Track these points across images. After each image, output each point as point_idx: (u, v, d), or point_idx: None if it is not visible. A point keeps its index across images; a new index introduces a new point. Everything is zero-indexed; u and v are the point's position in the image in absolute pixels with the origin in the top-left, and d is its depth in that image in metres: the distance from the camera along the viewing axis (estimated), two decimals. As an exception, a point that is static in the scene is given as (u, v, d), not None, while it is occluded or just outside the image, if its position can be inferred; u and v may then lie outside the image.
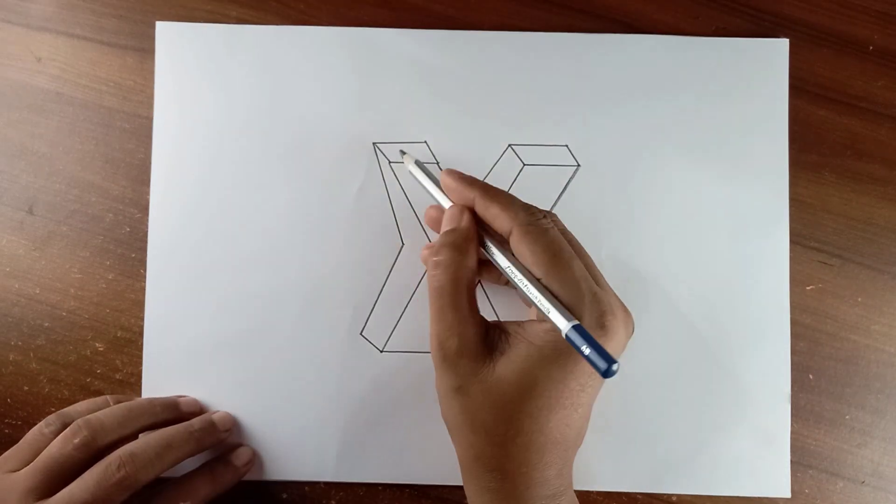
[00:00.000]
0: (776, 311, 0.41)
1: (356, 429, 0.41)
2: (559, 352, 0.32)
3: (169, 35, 0.43)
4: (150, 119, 0.43)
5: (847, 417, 0.42)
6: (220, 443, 0.40)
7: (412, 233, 0.42)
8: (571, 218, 0.38)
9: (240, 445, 0.41)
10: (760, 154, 0.42)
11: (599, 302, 0.32)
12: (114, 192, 0.43)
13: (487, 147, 0.42)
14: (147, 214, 0.42)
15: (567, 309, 0.31)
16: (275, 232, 0.42)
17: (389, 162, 0.42)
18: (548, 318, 0.31)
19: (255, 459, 0.41)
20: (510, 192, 0.42)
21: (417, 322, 0.41)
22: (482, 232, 0.35)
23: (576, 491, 0.35)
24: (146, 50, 0.43)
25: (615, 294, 0.34)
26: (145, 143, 0.43)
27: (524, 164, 0.42)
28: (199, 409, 0.41)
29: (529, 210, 0.34)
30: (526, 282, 0.32)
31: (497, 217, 0.34)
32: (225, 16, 0.43)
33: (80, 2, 0.44)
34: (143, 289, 0.42)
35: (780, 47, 0.42)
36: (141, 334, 0.42)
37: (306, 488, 0.41)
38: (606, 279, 0.35)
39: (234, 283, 0.42)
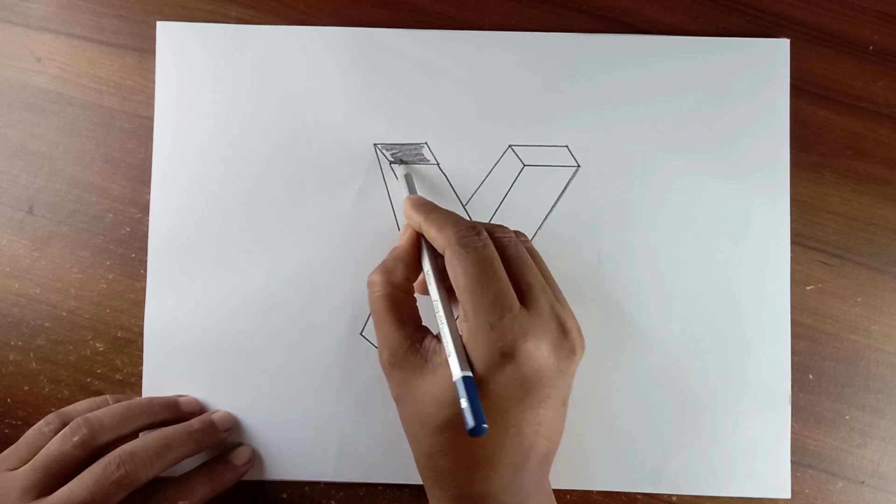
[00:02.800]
0: (776, 311, 0.41)
1: (356, 429, 0.41)
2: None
3: (169, 35, 0.43)
4: (150, 119, 0.43)
5: (847, 417, 0.42)
6: (220, 443, 0.40)
7: (412, 233, 0.42)
8: (571, 218, 0.38)
9: (239, 445, 0.41)
10: (761, 154, 0.42)
11: (508, 328, 0.31)
12: (114, 192, 0.43)
13: (488, 147, 0.42)
14: (147, 214, 0.42)
15: (474, 332, 0.31)
16: (275, 232, 0.42)
17: (390, 162, 0.42)
18: (448, 358, 0.31)
19: (255, 459, 0.41)
20: (510, 193, 0.42)
21: (417, 322, 0.41)
22: (426, 257, 0.36)
23: (576, 491, 0.35)
24: (146, 50, 0.43)
25: (553, 314, 0.32)
26: (145, 143, 0.43)
27: (524, 165, 0.42)
28: (198, 409, 0.41)
29: (461, 230, 0.33)
30: (443, 319, 0.32)
31: (434, 240, 0.34)
32: (225, 16, 0.43)
33: (80, 2, 0.44)
34: (143, 289, 0.42)
35: (780, 47, 0.42)
36: (141, 334, 0.42)
37: (306, 488, 0.41)
38: (607, 279, 0.34)
39: (233, 283, 0.42)
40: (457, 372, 0.30)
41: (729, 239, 0.42)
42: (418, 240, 0.36)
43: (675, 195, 0.42)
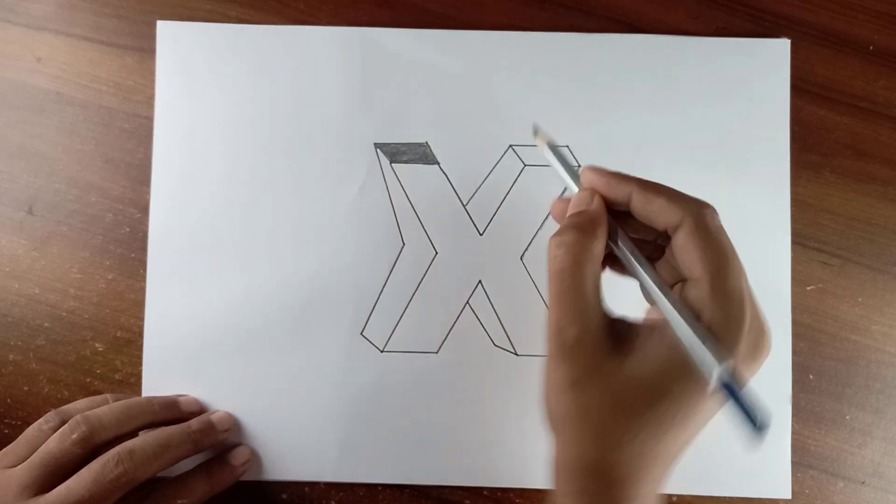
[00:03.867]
0: (777, 312, 0.41)
1: (356, 429, 0.41)
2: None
3: (170, 34, 0.43)
4: (150, 119, 0.43)
5: (847, 417, 0.42)
6: (219, 444, 0.40)
7: (413, 233, 0.42)
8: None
9: (238, 445, 0.41)
10: (761, 154, 0.42)
11: (758, 324, 0.28)
12: (114, 192, 0.43)
13: (488, 147, 0.42)
14: (147, 214, 0.42)
15: (723, 327, 0.27)
16: (275, 232, 0.42)
17: (390, 162, 0.42)
18: (690, 351, 0.27)
19: (254, 459, 0.41)
20: (510, 193, 0.42)
21: (418, 322, 0.41)
22: (622, 236, 0.31)
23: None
24: (146, 50, 0.43)
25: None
26: (145, 143, 0.43)
27: (525, 165, 0.42)
28: (198, 409, 0.41)
29: (703, 204, 0.30)
30: (676, 305, 0.28)
31: (662, 211, 0.29)
32: (225, 16, 0.43)
33: (80, 2, 0.44)
34: (143, 289, 0.42)
35: (780, 47, 0.42)
36: (141, 334, 0.42)
37: (306, 488, 0.41)
38: (607, 279, 0.34)
39: (234, 283, 0.42)
40: (717, 365, 0.26)
41: (729, 239, 0.42)
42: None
43: (676, 195, 0.42)
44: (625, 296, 0.31)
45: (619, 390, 0.29)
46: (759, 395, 0.26)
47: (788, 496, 0.41)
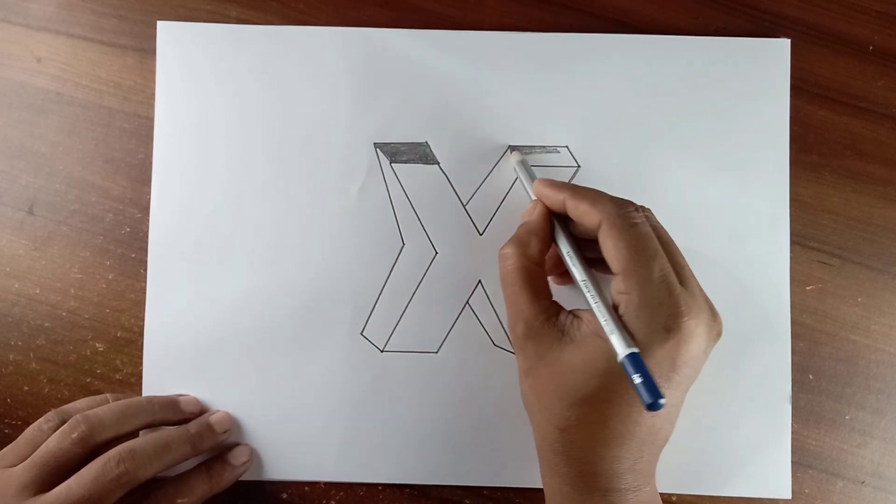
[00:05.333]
0: (776, 311, 0.41)
1: (356, 429, 0.41)
2: None
3: (170, 34, 0.43)
4: (150, 119, 0.43)
5: (847, 417, 0.42)
6: (219, 445, 0.40)
7: (413, 233, 0.42)
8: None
9: (238, 444, 0.41)
10: (760, 154, 0.42)
11: (674, 304, 0.31)
12: (114, 192, 0.43)
13: (488, 148, 0.42)
14: (147, 214, 0.42)
15: (639, 307, 0.31)
16: (275, 232, 0.42)
17: (390, 162, 0.42)
18: (608, 338, 0.31)
19: (254, 458, 0.41)
20: (510, 193, 0.42)
21: (418, 322, 0.41)
22: (562, 238, 0.36)
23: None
24: (146, 50, 0.43)
25: (703, 296, 0.33)
26: (145, 143, 0.43)
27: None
28: (198, 409, 0.41)
29: (619, 203, 0.34)
30: (596, 297, 0.32)
31: (586, 213, 0.34)
32: (225, 16, 0.43)
33: (80, 2, 0.44)
34: (143, 289, 0.42)
35: (780, 47, 0.42)
36: (141, 334, 0.42)
37: (306, 488, 0.41)
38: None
39: (234, 283, 0.42)
40: (623, 349, 0.30)
41: (729, 239, 0.42)
42: (549, 218, 0.36)
43: (675, 195, 0.42)
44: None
45: (561, 375, 0.32)
46: (653, 379, 0.29)
47: (788, 496, 0.41)
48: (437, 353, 0.41)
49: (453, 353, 0.41)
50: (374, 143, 0.42)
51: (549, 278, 0.38)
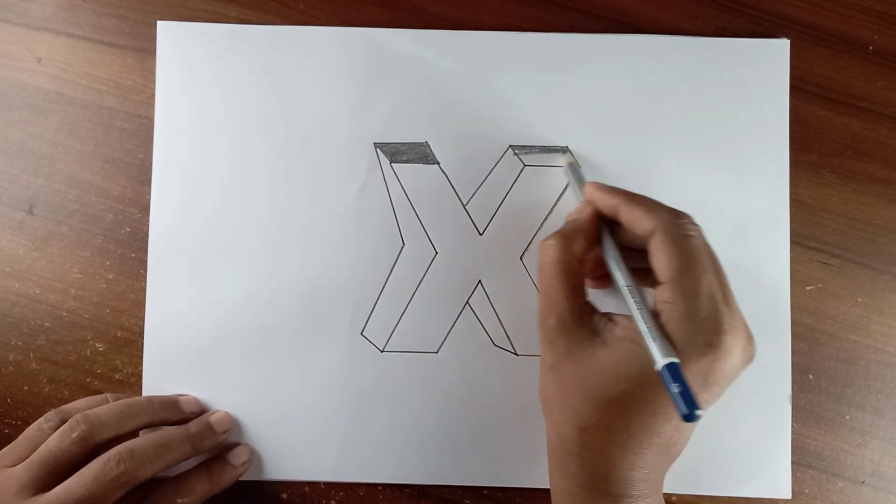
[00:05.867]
0: (776, 311, 0.41)
1: (356, 429, 0.41)
2: None
3: (170, 34, 0.43)
4: (150, 119, 0.43)
5: (847, 417, 0.42)
6: (219, 445, 0.40)
7: (413, 233, 0.42)
8: (571, 218, 0.38)
9: (238, 444, 0.41)
10: (760, 154, 0.42)
11: (718, 320, 0.31)
12: (114, 192, 0.43)
13: (488, 148, 0.42)
14: (147, 214, 0.42)
15: (681, 326, 0.31)
16: (275, 232, 0.42)
17: (390, 162, 0.42)
18: (648, 345, 0.31)
19: (254, 458, 0.41)
20: (510, 193, 0.42)
21: (418, 322, 0.41)
22: (608, 242, 0.35)
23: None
24: (146, 50, 0.43)
25: (742, 318, 0.33)
26: (145, 143, 0.43)
27: (525, 165, 0.42)
28: (198, 409, 0.41)
29: (676, 213, 0.34)
30: (640, 303, 0.32)
31: (640, 219, 0.33)
32: (225, 16, 0.43)
33: (80, 2, 0.44)
34: (143, 289, 0.42)
35: (780, 47, 0.42)
36: (141, 334, 0.42)
37: (306, 488, 0.41)
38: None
39: (234, 283, 0.42)
40: (661, 358, 0.30)
41: (729, 239, 0.42)
42: (598, 221, 0.36)
43: (675, 195, 0.41)
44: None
45: (589, 375, 0.32)
46: (691, 390, 0.29)
47: (788, 496, 0.41)
48: (437, 353, 0.41)
49: (453, 353, 0.41)
50: (374, 143, 0.42)
51: (587, 282, 0.38)
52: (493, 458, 0.41)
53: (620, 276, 0.34)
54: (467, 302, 0.42)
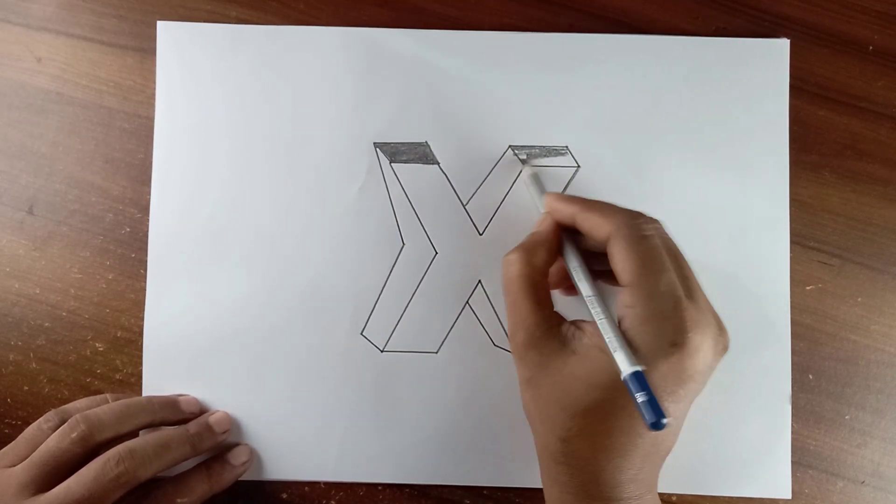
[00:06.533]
0: (776, 311, 0.41)
1: (356, 429, 0.41)
2: None
3: (170, 34, 0.43)
4: (150, 119, 0.43)
5: (847, 417, 0.42)
6: (218, 445, 0.40)
7: (413, 233, 0.42)
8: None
9: (238, 444, 0.41)
10: (760, 154, 0.42)
11: (681, 318, 0.31)
12: (114, 192, 0.43)
13: (488, 148, 0.42)
14: (147, 214, 0.42)
15: (644, 321, 0.31)
16: (275, 232, 0.42)
17: (390, 162, 0.42)
18: (613, 355, 0.31)
19: (254, 458, 0.41)
20: (510, 193, 0.42)
21: (418, 322, 0.41)
22: (570, 252, 0.35)
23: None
24: (146, 50, 0.43)
25: (710, 309, 0.33)
26: (145, 143, 0.43)
27: (525, 165, 0.42)
28: (198, 409, 0.41)
29: (631, 215, 0.33)
30: (602, 313, 0.32)
31: (597, 225, 0.33)
32: (225, 16, 0.43)
33: (80, 2, 0.44)
34: (143, 289, 0.42)
35: (780, 47, 0.42)
36: (141, 334, 0.42)
37: (306, 488, 0.41)
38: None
39: (234, 283, 0.42)
40: (627, 367, 0.30)
41: (729, 239, 0.42)
42: (559, 232, 0.36)
43: (675, 195, 0.42)
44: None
45: (564, 386, 0.32)
46: (656, 398, 0.29)
47: (788, 496, 0.41)
48: (437, 353, 0.41)
49: (453, 353, 0.41)
50: (374, 143, 0.42)
51: (556, 291, 0.38)
52: (493, 458, 0.41)
53: (582, 286, 0.34)
54: (467, 302, 0.42)
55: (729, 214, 0.42)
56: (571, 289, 0.38)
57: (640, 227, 0.33)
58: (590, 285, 0.34)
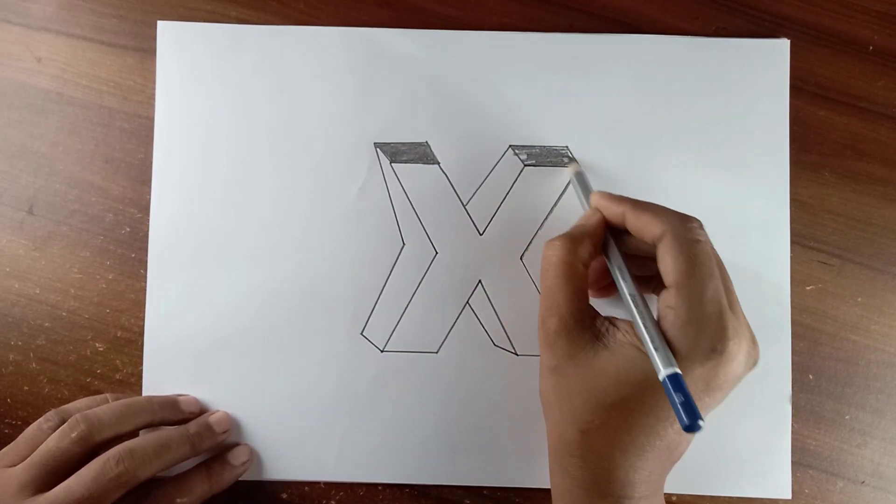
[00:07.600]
0: (776, 311, 0.41)
1: (356, 429, 0.41)
2: None
3: (170, 34, 0.43)
4: (150, 119, 0.43)
5: (847, 417, 0.42)
6: (218, 445, 0.40)
7: (413, 233, 0.42)
8: (571, 218, 0.38)
9: (237, 444, 0.41)
10: (760, 154, 0.42)
11: (723, 326, 0.31)
12: (114, 192, 0.43)
13: (488, 148, 0.42)
14: (147, 214, 0.42)
15: (686, 323, 0.31)
16: (275, 232, 0.42)
17: (390, 162, 0.42)
18: (651, 354, 0.31)
19: (254, 458, 0.41)
20: (510, 193, 0.42)
21: (418, 322, 0.41)
22: (613, 251, 0.35)
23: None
24: (146, 50, 0.43)
25: (746, 322, 0.33)
26: (145, 143, 0.43)
27: (525, 165, 0.42)
28: (198, 409, 0.41)
29: (684, 218, 0.33)
30: (644, 313, 0.32)
31: (648, 224, 0.33)
32: (225, 16, 0.43)
33: (80, 2, 0.44)
34: (143, 289, 0.42)
35: (780, 47, 0.42)
36: (141, 334, 0.42)
37: (306, 488, 0.41)
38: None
39: (234, 283, 0.42)
40: (666, 368, 0.30)
41: (729, 239, 0.41)
42: (605, 228, 0.36)
43: (675, 195, 0.42)
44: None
45: (591, 378, 0.32)
46: (693, 401, 0.29)
47: (788, 496, 0.41)
48: (437, 353, 0.41)
49: (453, 353, 0.41)
50: (374, 143, 0.42)
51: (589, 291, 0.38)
52: (493, 458, 0.41)
53: (625, 285, 0.34)
54: (467, 302, 0.42)
55: (729, 214, 0.42)
56: (604, 290, 0.38)
57: (692, 231, 0.33)
58: (633, 284, 0.34)
